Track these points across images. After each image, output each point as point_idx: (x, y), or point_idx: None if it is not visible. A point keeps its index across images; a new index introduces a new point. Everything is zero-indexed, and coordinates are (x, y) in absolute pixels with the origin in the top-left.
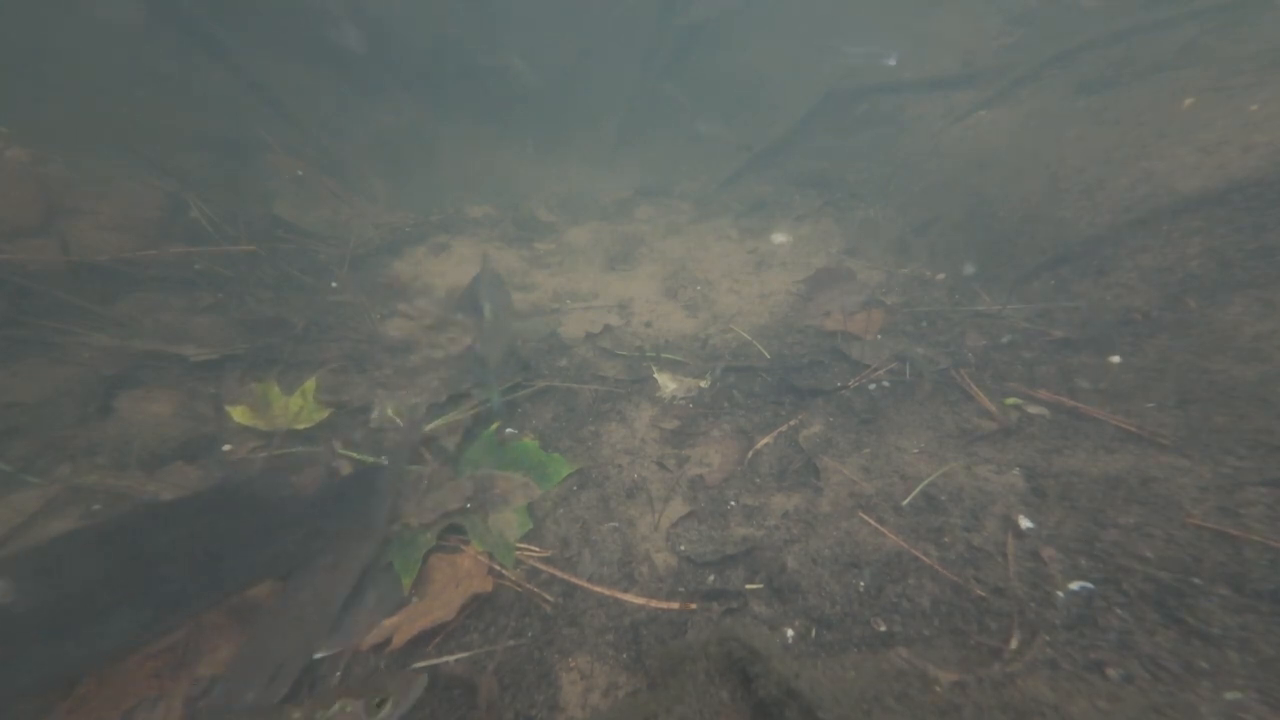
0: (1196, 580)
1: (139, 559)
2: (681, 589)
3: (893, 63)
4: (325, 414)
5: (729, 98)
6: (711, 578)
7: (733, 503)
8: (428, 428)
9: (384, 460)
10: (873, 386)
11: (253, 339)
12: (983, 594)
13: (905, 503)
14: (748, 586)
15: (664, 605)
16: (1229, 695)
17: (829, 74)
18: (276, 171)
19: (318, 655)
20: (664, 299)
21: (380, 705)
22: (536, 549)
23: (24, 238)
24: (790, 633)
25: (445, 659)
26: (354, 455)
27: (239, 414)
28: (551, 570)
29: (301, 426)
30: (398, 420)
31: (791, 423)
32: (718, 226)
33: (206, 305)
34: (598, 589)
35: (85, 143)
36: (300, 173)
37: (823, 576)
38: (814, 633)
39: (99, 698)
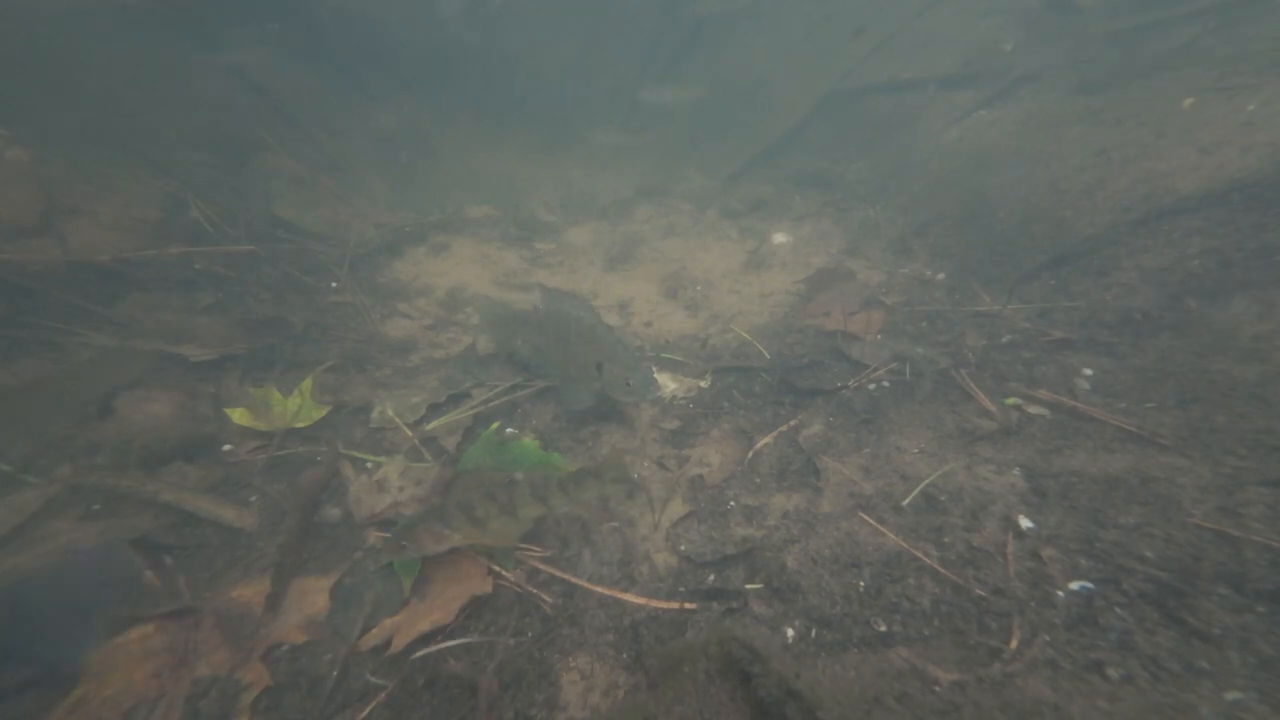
0: (1197, 580)
1: None
2: (681, 589)
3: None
4: (323, 411)
5: (729, 98)
6: (711, 578)
7: (733, 503)
8: (428, 427)
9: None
10: (873, 386)
11: (253, 339)
12: (983, 594)
13: (905, 503)
14: (748, 586)
15: (664, 605)
16: (1229, 695)
17: (829, 74)
18: (276, 171)
19: None
20: (664, 299)
21: None
22: (537, 549)
23: (24, 238)
24: (790, 632)
25: (445, 659)
26: (355, 455)
27: (238, 416)
28: (551, 570)
29: (301, 425)
30: (397, 420)
31: (791, 423)
32: (718, 226)
33: (206, 305)
34: (598, 589)
35: (85, 143)
36: (300, 172)
37: (823, 576)
38: (814, 633)
39: (98, 698)
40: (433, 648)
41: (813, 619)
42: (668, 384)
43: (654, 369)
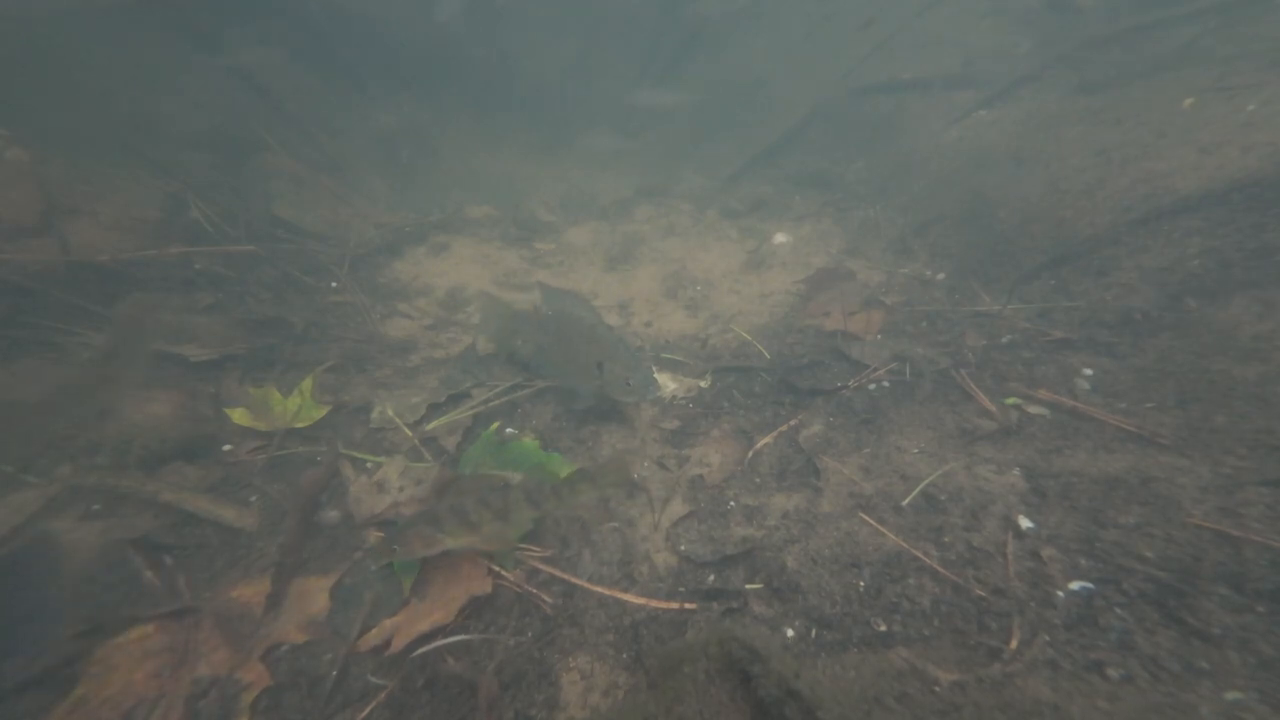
0: (1197, 580)
1: None
2: (681, 589)
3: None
4: (323, 411)
5: (729, 98)
6: (711, 578)
7: (733, 503)
8: (428, 427)
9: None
10: (873, 386)
11: (253, 339)
12: (983, 594)
13: (905, 503)
14: (748, 586)
15: (664, 605)
16: (1229, 695)
17: (829, 74)
18: (276, 171)
19: None
20: (664, 299)
21: None
22: (537, 549)
23: (24, 238)
24: (790, 633)
25: (445, 659)
26: (355, 455)
27: (238, 416)
28: (551, 570)
29: (301, 425)
30: (397, 420)
31: (792, 422)
32: (718, 226)
33: (206, 305)
34: (598, 589)
35: (85, 143)
36: (300, 172)
37: (823, 576)
38: (814, 633)
39: (98, 698)
40: (432, 645)
41: (813, 619)
42: (668, 384)
43: (654, 369)
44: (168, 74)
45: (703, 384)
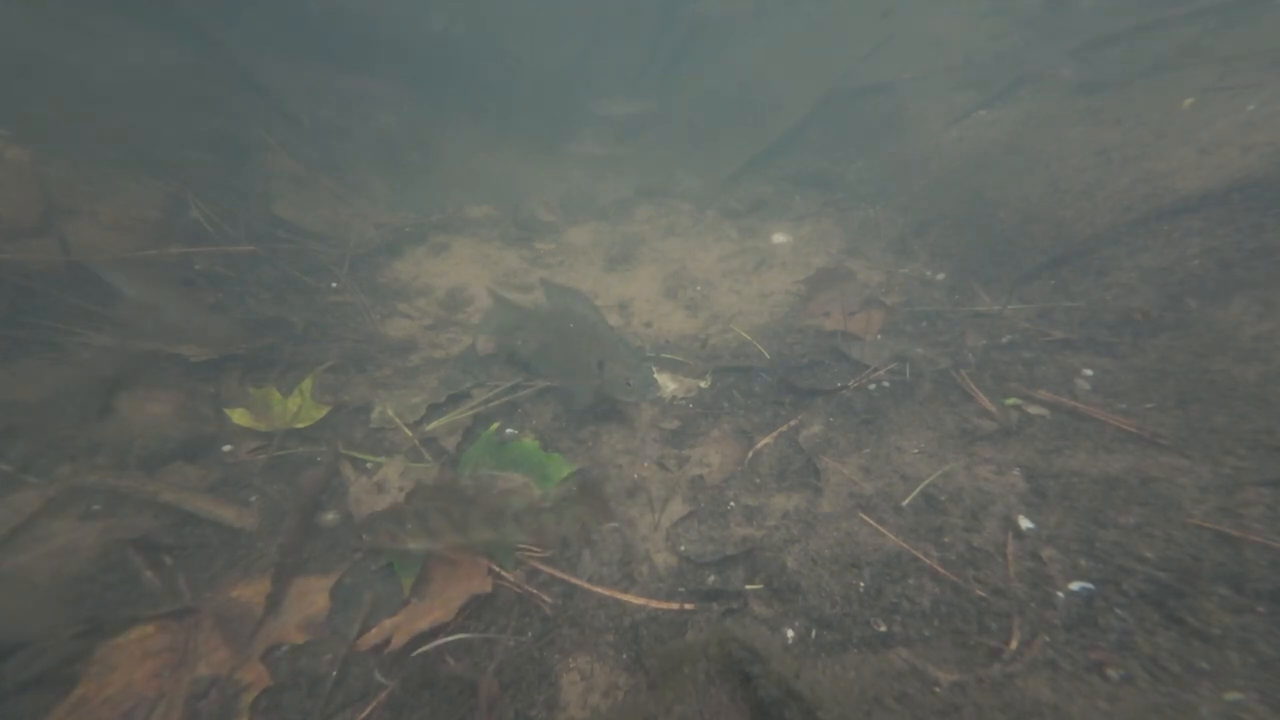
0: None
1: None
2: (681, 589)
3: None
4: (323, 411)
5: (728, 98)
6: (711, 578)
7: (733, 503)
8: (429, 427)
9: None
10: (873, 386)
11: (253, 339)
12: (983, 594)
13: (905, 503)
14: (748, 587)
15: (664, 605)
16: (1229, 696)
17: (829, 74)
18: (276, 171)
19: None
20: (664, 299)
21: None
22: (536, 549)
23: (24, 238)
24: (790, 633)
25: (446, 660)
26: (355, 455)
27: (238, 416)
28: (551, 571)
29: (301, 425)
30: (397, 420)
31: (791, 423)
32: (718, 226)
33: (207, 305)
34: (598, 589)
35: (85, 143)
36: (300, 172)
37: (823, 577)
38: (814, 633)
39: (99, 698)
40: (433, 644)
41: (813, 619)
42: (668, 384)
43: (654, 369)
44: (168, 74)
45: (703, 384)
